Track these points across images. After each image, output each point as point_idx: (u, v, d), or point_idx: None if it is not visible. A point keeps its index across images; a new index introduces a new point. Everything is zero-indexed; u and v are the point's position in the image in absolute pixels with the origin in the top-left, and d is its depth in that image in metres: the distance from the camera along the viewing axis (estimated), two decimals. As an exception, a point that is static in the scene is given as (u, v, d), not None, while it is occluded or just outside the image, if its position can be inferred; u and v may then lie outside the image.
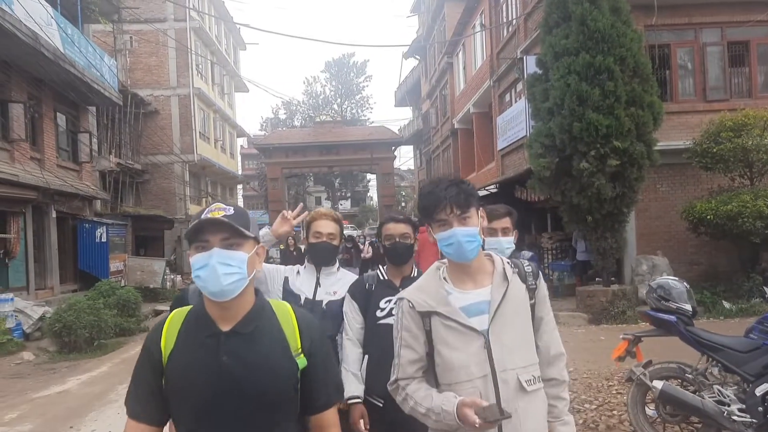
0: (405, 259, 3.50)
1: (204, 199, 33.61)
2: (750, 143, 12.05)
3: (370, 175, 57.05)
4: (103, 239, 19.06)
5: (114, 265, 19.48)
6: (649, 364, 5.17)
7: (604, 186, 11.48)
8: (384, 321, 3.35)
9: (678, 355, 5.29)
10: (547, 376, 2.30)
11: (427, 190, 2.30)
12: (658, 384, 4.87)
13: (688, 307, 4.92)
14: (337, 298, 3.61)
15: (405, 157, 59.07)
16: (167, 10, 29.50)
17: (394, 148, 46.01)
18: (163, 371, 1.89)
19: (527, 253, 3.92)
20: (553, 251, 16.96)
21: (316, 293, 3.62)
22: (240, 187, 49.26)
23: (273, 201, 42.78)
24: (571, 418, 2.37)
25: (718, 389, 4.79)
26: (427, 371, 2.31)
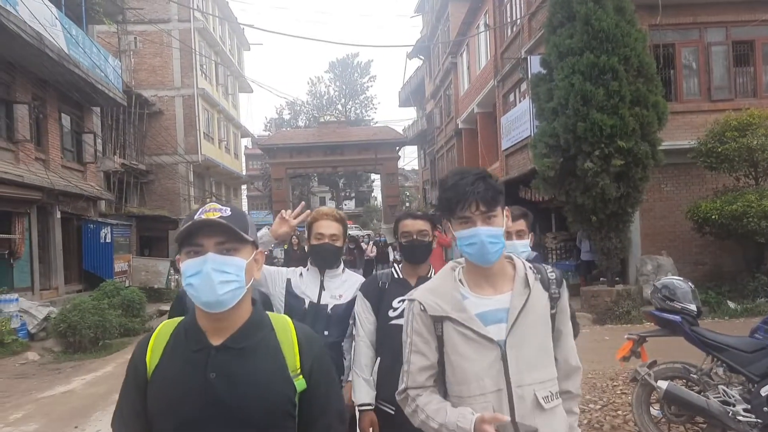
0: (422, 258, 3.33)
1: (208, 200, 33.65)
2: (755, 143, 12.01)
3: (374, 176, 57.13)
4: (108, 240, 19.09)
5: (118, 265, 19.51)
6: (653, 364, 5.16)
7: (609, 186, 11.45)
8: (396, 321, 3.17)
9: (683, 356, 5.28)
10: (562, 389, 2.17)
11: (451, 183, 2.09)
12: (663, 384, 4.86)
13: (693, 307, 4.91)
14: (343, 302, 3.46)
15: (409, 158, 58.92)
16: (171, 11, 29.56)
17: (398, 148, 46.01)
18: (146, 388, 1.74)
19: (531, 254, 3.82)
20: (558, 251, 16.94)
21: (320, 297, 3.46)
22: (244, 187, 49.30)
23: (277, 201, 42.80)
24: None
25: (723, 389, 4.77)
26: (438, 380, 2.15)
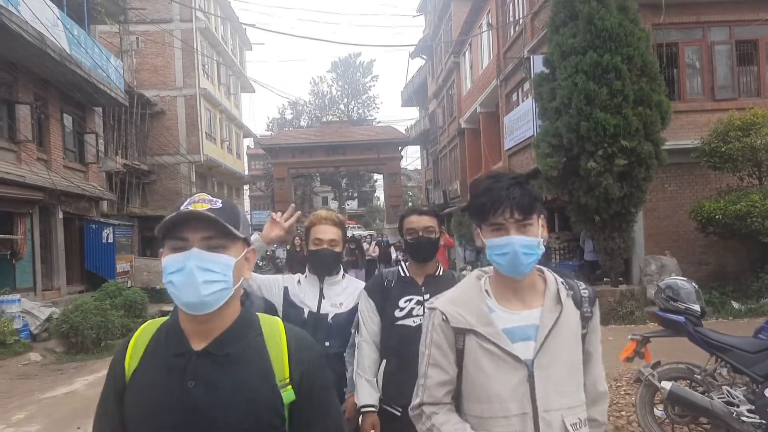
0: (429, 256, 3.20)
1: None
2: (759, 142, 11.98)
3: (377, 175, 57.07)
4: (110, 240, 19.09)
5: (120, 265, 19.52)
6: (657, 364, 5.14)
7: (612, 186, 11.42)
8: (403, 322, 3.11)
9: (687, 356, 5.26)
10: (588, 416, 2.02)
11: (485, 186, 1.95)
12: (667, 385, 4.84)
13: (697, 307, 4.89)
14: (344, 310, 3.33)
15: (412, 157, 59.08)
16: (173, 11, 29.58)
17: (400, 148, 46.07)
18: (124, 394, 1.63)
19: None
20: (561, 251, 16.91)
21: (320, 306, 3.33)
22: (246, 187, 49.35)
23: (279, 201, 42.85)
24: None
25: (727, 390, 4.76)
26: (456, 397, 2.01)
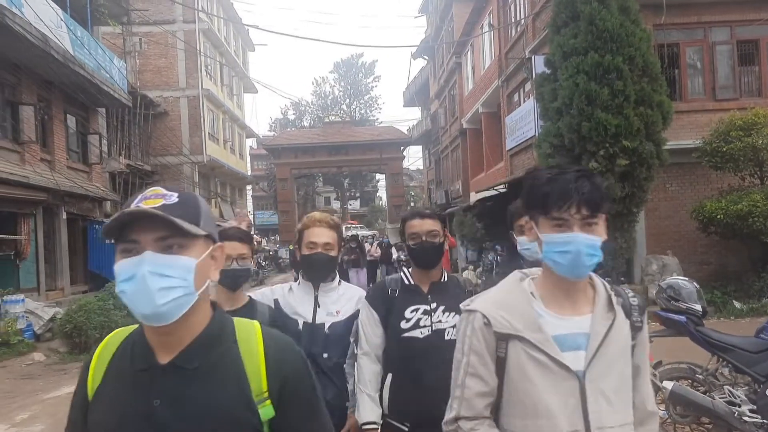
0: (434, 262, 2.99)
1: (214, 200, 33.72)
2: (760, 142, 11.98)
3: (379, 175, 57.05)
4: (113, 240, 19.09)
5: (124, 266, 19.53)
6: (659, 364, 5.14)
7: (614, 186, 11.43)
8: (410, 334, 2.90)
9: (688, 356, 5.26)
10: None
11: (549, 176, 1.76)
12: (669, 384, 4.85)
13: (698, 307, 4.89)
14: (341, 318, 3.13)
15: (414, 157, 58.96)
16: (176, 12, 29.64)
17: (403, 148, 46.08)
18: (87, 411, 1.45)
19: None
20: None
21: (315, 315, 3.12)
22: (249, 187, 49.39)
23: (282, 201, 42.95)
24: None
25: (728, 390, 4.76)
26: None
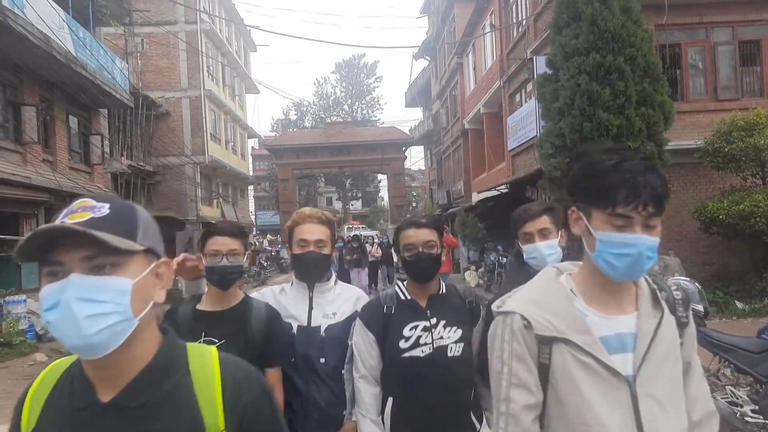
0: (431, 275, 2.77)
1: (215, 200, 33.75)
2: (762, 142, 11.97)
3: (381, 176, 57.12)
4: (115, 241, 19.14)
5: (126, 266, 19.57)
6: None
7: (615, 186, 11.43)
8: (410, 354, 2.67)
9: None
10: None
11: (613, 162, 1.54)
12: (670, 385, 4.84)
13: (700, 307, 4.90)
14: (337, 320, 2.93)
15: (416, 158, 59.12)
16: (178, 13, 29.66)
17: (404, 148, 46.14)
18: None
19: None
20: (564, 251, 16.88)
21: (310, 318, 2.92)
22: (251, 188, 49.42)
23: (284, 202, 42.98)
24: None
25: (730, 390, 4.77)
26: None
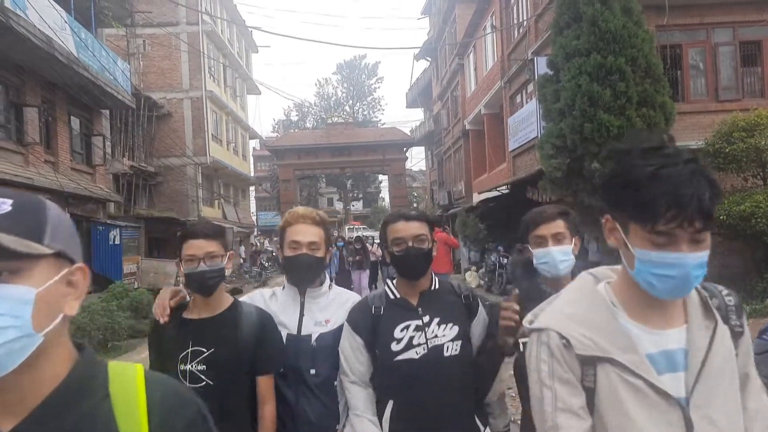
0: (422, 271, 2.59)
1: (216, 201, 33.79)
2: (763, 143, 11.98)
3: (382, 176, 57.15)
4: (117, 241, 19.19)
5: (127, 267, 19.62)
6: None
7: (616, 187, 11.44)
8: (404, 356, 2.50)
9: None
10: None
11: (653, 170, 1.29)
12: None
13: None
14: (330, 328, 2.72)
15: (416, 158, 59.06)
16: (180, 14, 29.69)
17: (405, 149, 46.14)
18: None
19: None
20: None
21: (301, 325, 2.71)
22: (252, 188, 49.46)
23: (285, 202, 42.99)
24: None
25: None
26: None
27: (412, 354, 2.49)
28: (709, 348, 1.38)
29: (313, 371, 2.65)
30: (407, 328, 2.52)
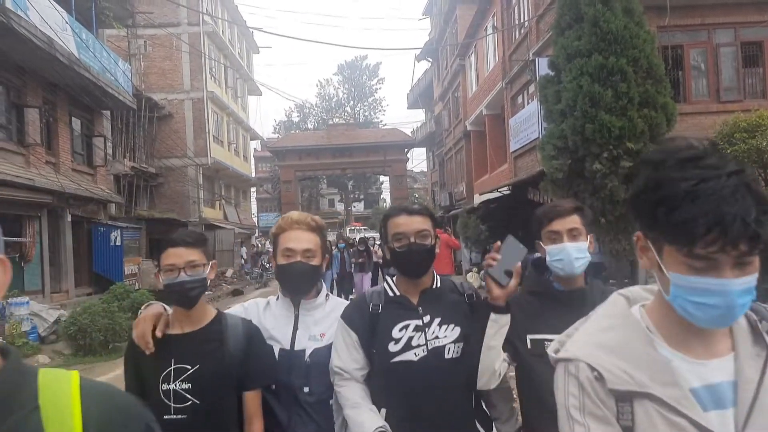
0: (424, 269, 2.46)
1: (217, 202, 33.80)
2: (764, 144, 11.94)
3: (383, 177, 57.21)
4: (118, 242, 19.19)
5: (128, 268, 19.62)
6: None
7: (618, 188, 11.41)
8: (402, 357, 2.36)
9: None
10: None
11: (690, 187, 1.13)
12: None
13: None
14: (326, 343, 2.53)
15: (418, 159, 59.13)
16: (181, 15, 29.71)
17: (406, 150, 46.19)
18: None
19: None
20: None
21: (294, 340, 2.53)
22: (253, 189, 49.49)
23: (286, 204, 42.99)
24: None
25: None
26: None
27: (410, 356, 2.36)
28: (761, 380, 1.22)
29: (306, 389, 2.48)
30: (406, 327, 2.38)
